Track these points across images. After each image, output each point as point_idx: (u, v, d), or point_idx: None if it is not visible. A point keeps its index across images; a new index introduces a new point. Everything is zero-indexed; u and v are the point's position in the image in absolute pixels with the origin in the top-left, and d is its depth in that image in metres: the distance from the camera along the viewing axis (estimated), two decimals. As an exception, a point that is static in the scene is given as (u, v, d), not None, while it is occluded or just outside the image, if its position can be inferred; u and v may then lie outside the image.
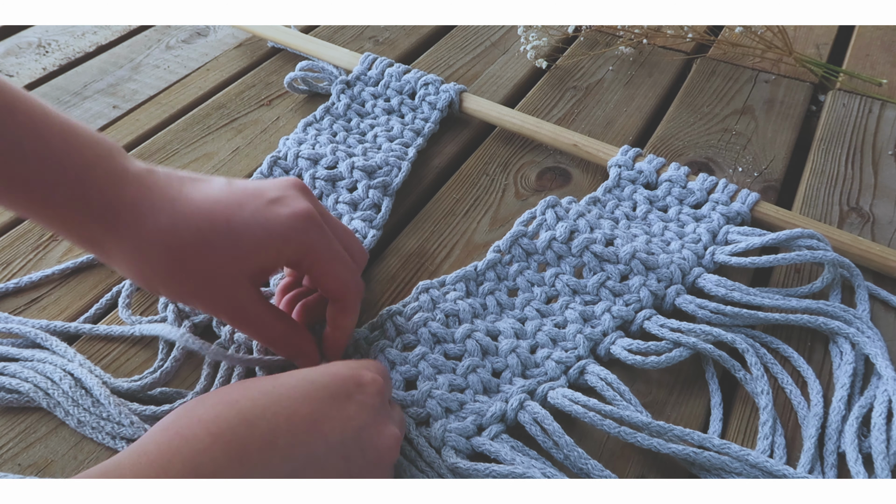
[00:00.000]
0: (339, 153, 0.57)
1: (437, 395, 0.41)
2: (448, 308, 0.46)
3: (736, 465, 0.38)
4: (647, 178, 0.56)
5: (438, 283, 0.48)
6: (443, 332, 0.45)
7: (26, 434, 0.41)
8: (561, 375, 0.43)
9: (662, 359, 0.43)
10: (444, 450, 0.39)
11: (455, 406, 0.41)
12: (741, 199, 0.54)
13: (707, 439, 0.38)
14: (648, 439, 0.38)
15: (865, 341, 0.44)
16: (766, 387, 0.43)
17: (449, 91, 0.63)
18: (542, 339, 0.45)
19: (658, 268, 0.48)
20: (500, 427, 0.40)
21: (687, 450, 0.38)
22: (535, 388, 0.42)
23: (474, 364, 0.43)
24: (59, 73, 0.73)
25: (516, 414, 0.41)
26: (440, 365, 0.43)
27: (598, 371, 0.43)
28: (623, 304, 0.47)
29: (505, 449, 0.39)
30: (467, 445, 0.39)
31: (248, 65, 0.74)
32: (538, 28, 0.73)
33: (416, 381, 0.43)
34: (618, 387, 0.42)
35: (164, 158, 0.61)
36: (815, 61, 0.72)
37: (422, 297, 0.47)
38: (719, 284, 0.47)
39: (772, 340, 0.46)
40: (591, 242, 0.49)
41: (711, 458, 0.38)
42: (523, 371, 0.44)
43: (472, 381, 0.43)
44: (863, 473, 0.38)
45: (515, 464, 0.38)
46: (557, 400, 0.41)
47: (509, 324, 0.46)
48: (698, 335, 0.44)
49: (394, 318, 0.46)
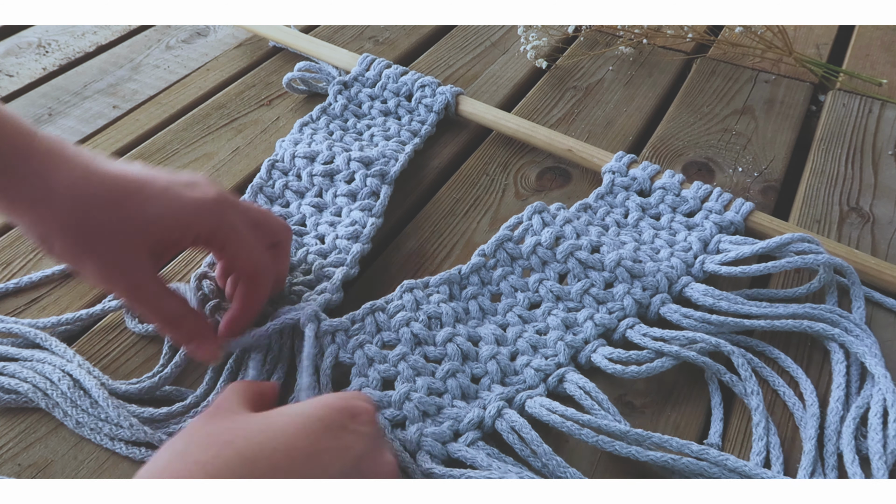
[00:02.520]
0: (336, 148, 0.57)
1: (416, 398, 0.41)
2: (431, 311, 0.46)
3: (714, 470, 0.38)
4: (640, 185, 0.56)
5: (422, 284, 0.48)
6: (425, 333, 0.45)
7: (26, 434, 0.41)
8: (540, 383, 0.43)
9: (643, 368, 0.43)
10: (420, 454, 0.39)
11: (433, 410, 0.41)
12: (735, 209, 0.53)
13: (685, 445, 0.38)
14: (626, 447, 0.38)
15: (852, 341, 0.44)
16: (756, 387, 0.42)
17: (445, 94, 0.63)
18: (522, 345, 0.45)
19: (644, 276, 0.48)
20: (477, 434, 0.40)
21: (665, 457, 0.38)
22: (514, 395, 0.42)
23: (454, 368, 0.43)
24: (59, 73, 0.73)
25: (494, 421, 0.40)
26: (420, 367, 0.43)
27: (576, 380, 0.43)
28: (606, 311, 0.47)
29: (481, 455, 0.39)
30: (443, 451, 0.39)
31: (248, 65, 0.74)
32: (538, 28, 0.73)
33: (394, 381, 0.43)
34: (596, 395, 0.42)
35: (165, 158, 0.61)
36: (815, 61, 0.72)
37: (405, 297, 0.47)
38: (707, 294, 0.47)
39: (757, 343, 0.46)
40: (576, 249, 0.49)
41: (690, 464, 0.38)
42: (502, 378, 0.43)
43: (450, 386, 0.42)
44: (860, 474, 0.38)
45: (492, 469, 0.38)
46: (535, 409, 0.41)
47: (490, 329, 0.46)
48: (682, 343, 0.44)
49: (375, 314, 0.46)
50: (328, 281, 0.48)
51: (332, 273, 0.49)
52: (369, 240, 0.51)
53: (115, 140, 0.63)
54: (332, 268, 0.49)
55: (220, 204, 0.41)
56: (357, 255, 0.50)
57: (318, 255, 0.50)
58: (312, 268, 0.49)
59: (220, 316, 0.45)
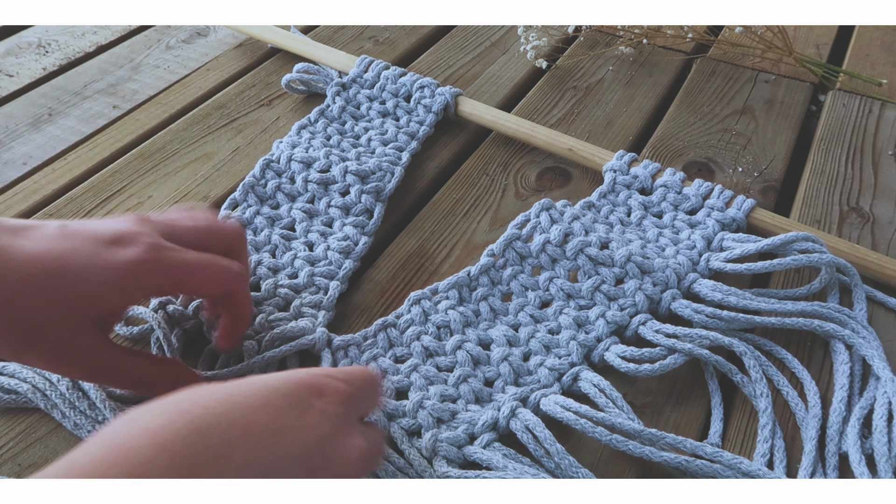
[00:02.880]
0: (333, 157, 0.57)
1: (429, 405, 0.41)
2: (439, 320, 0.46)
3: (728, 473, 0.38)
4: (642, 184, 0.56)
5: (430, 292, 0.48)
6: (435, 345, 0.45)
7: (26, 434, 0.41)
8: (554, 382, 0.43)
9: (657, 367, 0.43)
10: (436, 460, 0.39)
11: (447, 416, 0.41)
12: (737, 206, 0.53)
13: (700, 447, 0.38)
14: (640, 447, 0.38)
15: (861, 342, 0.44)
16: (766, 390, 0.42)
17: (444, 94, 0.63)
18: (535, 346, 0.45)
19: (654, 272, 0.48)
20: (493, 436, 0.40)
21: (679, 458, 0.38)
22: (528, 395, 0.42)
23: (465, 374, 0.43)
24: (59, 73, 0.73)
25: (508, 422, 0.40)
26: (432, 376, 0.43)
27: (591, 378, 0.43)
28: (618, 308, 0.47)
29: (497, 457, 0.38)
30: (459, 455, 0.39)
31: (248, 65, 0.74)
32: (538, 28, 0.73)
33: (408, 391, 0.43)
34: (611, 393, 0.42)
35: (164, 158, 0.61)
36: (815, 61, 0.72)
37: (413, 310, 0.46)
38: (715, 289, 0.47)
39: (765, 343, 0.46)
40: (585, 245, 0.49)
41: (704, 466, 0.38)
42: (516, 379, 0.43)
43: (463, 391, 0.42)
44: (867, 475, 0.38)
45: (507, 470, 0.37)
46: (549, 407, 0.41)
47: (502, 331, 0.46)
48: (694, 340, 0.44)
49: (387, 330, 0.46)
50: (324, 295, 0.48)
51: (321, 283, 0.49)
52: (359, 258, 0.51)
53: (115, 140, 0.63)
54: (322, 278, 0.49)
55: (155, 251, 0.37)
56: (348, 273, 0.50)
57: (306, 261, 0.50)
58: (301, 273, 0.49)
59: (203, 316, 0.45)
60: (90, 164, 0.61)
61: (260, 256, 0.51)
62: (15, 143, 0.63)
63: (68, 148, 0.63)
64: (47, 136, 0.65)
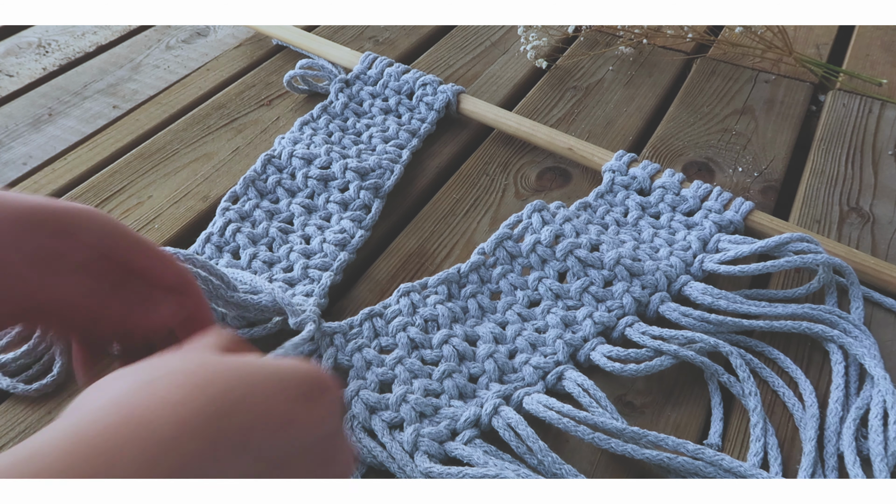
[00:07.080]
0: (334, 154, 0.57)
1: (412, 399, 0.41)
2: (427, 313, 0.46)
3: (710, 469, 0.38)
4: (640, 184, 0.56)
5: (420, 286, 0.48)
6: (421, 337, 0.45)
7: (26, 434, 0.41)
8: (538, 381, 0.43)
9: (642, 367, 0.43)
10: (417, 454, 0.39)
11: (430, 411, 0.41)
12: (735, 208, 0.53)
13: (681, 444, 0.38)
14: (622, 445, 0.38)
15: (851, 342, 0.44)
16: (754, 388, 0.42)
17: (446, 92, 0.63)
18: (521, 343, 0.45)
19: (643, 274, 0.48)
20: (474, 432, 0.40)
21: (661, 455, 0.38)
22: (511, 393, 0.42)
23: (450, 369, 0.43)
24: (59, 73, 0.73)
25: (490, 419, 0.40)
26: (416, 370, 0.43)
27: (575, 377, 0.43)
28: (605, 309, 0.47)
29: (478, 453, 0.39)
30: (440, 450, 0.39)
31: (248, 65, 0.74)
32: (538, 28, 0.73)
33: (392, 384, 0.43)
34: (594, 393, 0.42)
35: (165, 158, 0.61)
36: (815, 61, 0.72)
37: (402, 301, 0.47)
38: (706, 293, 0.47)
39: (757, 344, 0.46)
40: (575, 247, 0.49)
41: (685, 463, 0.38)
42: (500, 376, 0.43)
43: (447, 387, 0.42)
44: (861, 476, 0.38)
45: (488, 467, 0.38)
46: (532, 406, 0.41)
47: (489, 328, 0.46)
48: (680, 342, 0.44)
49: (373, 319, 0.46)
50: (316, 284, 0.48)
51: (315, 275, 0.49)
52: (355, 251, 0.52)
53: (115, 140, 0.63)
54: (316, 270, 0.49)
55: None
56: (343, 264, 0.50)
57: (301, 254, 0.51)
58: (296, 266, 0.50)
59: None
60: (90, 164, 0.61)
61: (256, 249, 0.51)
62: (15, 144, 0.63)
63: (68, 148, 0.63)
64: (47, 136, 0.65)
